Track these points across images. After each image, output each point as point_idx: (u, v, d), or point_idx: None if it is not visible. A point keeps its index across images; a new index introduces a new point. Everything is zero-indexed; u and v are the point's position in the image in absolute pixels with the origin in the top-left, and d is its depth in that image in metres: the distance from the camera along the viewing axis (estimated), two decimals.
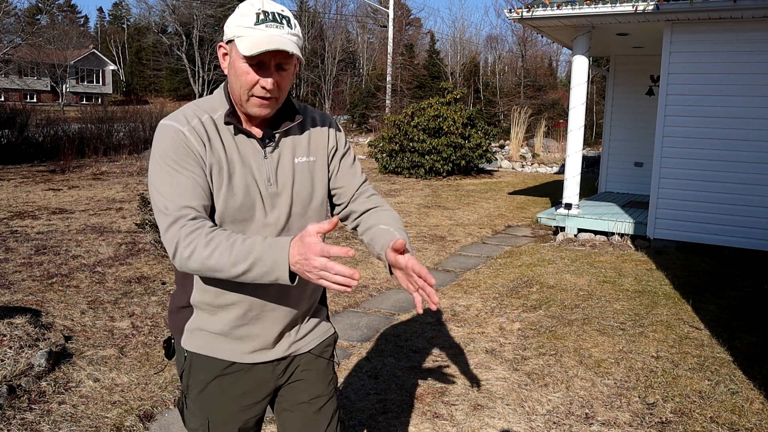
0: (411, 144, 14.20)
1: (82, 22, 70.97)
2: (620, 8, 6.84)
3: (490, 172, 16.19)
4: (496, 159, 17.24)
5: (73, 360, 3.74)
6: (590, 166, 16.34)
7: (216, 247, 1.35)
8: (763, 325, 4.67)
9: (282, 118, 1.60)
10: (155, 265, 5.83)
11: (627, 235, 7.45)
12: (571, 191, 7.79)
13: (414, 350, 4.10)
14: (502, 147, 21.15)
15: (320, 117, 1.69)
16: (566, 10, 7.10)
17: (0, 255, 6.10)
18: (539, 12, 7.24)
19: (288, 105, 1.61)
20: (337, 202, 1.74)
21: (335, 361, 1.82)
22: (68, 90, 45.28)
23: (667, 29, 7.02)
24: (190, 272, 1.41)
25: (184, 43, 45.54)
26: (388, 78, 31.10)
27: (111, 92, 52.02)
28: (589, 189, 11.80)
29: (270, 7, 1.46)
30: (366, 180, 1.78)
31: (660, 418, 3.25)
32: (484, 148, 14.71)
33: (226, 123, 1.53)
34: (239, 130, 1.54)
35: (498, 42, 47.60)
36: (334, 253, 1.25)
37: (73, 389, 3.39)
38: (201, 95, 48.32)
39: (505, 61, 40.41)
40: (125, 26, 62.89)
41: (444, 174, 14.30)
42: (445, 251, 7.07)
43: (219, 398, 1.61)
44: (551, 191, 12.50)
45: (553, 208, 8.49)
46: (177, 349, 1.65)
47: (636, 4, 6.75)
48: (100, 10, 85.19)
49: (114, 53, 58.75)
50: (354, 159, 1.76)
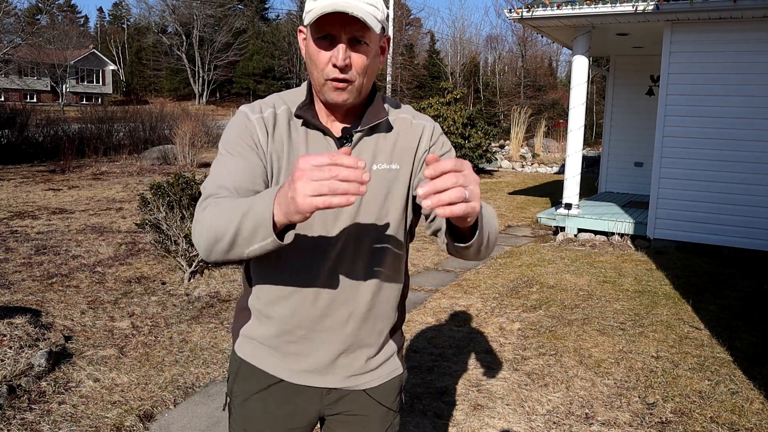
0: None
1: (82, 22, 70.98)
2: (620, 8, 6.84)
3: (490, 172, 16.19)
4: (496, 159, 17.25)
5: (73, 360, 3.74)
6: (590, 166, 16.35)
7: (221, 209, 1.18)
8: (763, 325, 4.67)
9: (371, 116, 1.38)
10: (155, 265, 5.83)
11: (627, 235, 7.45)
12: (571, 191, 7.79)
13: (414, 350, 4.10)
14: (502, 147, 21.15)
15: (416, 118, 1.45)
16: (566, 10, 7.10)
17: (0, 255, 6.10)
18: (539, 12, 7.24)
19: (377, 100, 1.41)
20: (425, 213, 1.42)
21: (401, 405, 1.60)
22: (68, 90, 45.28)
23: (667, 29, 7.02)
24: (200, 248, 1.22)
25: (184, 43, 45.54)
26: (388, 78, 31.12)
27: (111, 92, 52.02)
28: (589, 189, 11.80)
29: None
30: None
31: (660, 418, 3.25)
32: (484, 148, 14.71)
33: (297, 116, 1.37)
34: (311, 125, 1.37)
35: (498, 42, 47.62)
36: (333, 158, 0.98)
37: (73, 389, 3.39)
38: (201, 95, 48.36)
39: (505, 61, 40.43)
40: (125, 26, 62.89)
41: None
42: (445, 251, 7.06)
43: (260, 414, 1.48)
44: (551, 191, 12.50)
45: (553, 208, 8.49)
46: (232, 351, 1.55)
47: (636, 4, 6.75)
48: (100, 10, 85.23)
49: (114, 53, 58.75)
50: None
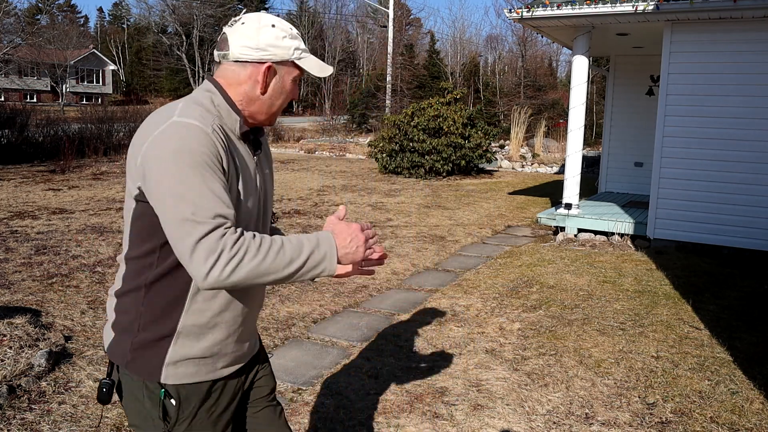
0: (411, 144, 14.20)
1: (82, 22, 70.97)
2: (620, 8, 6.84)
3: (490, 172, 16.20)
4: (496, 159, 17.24)
5: (73, 360, 3.74)
6: (590, 166, 16.34)
7: (268, 251, 1.34)
8: (763, 325, 4.67)
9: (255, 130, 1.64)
10: None
11: (627, 235, 7.45)
12: (571, 191, 7.79)
13: (414, 350, 4.10)
14: (502, 147, 21.15)
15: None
16: (566, 10, 7.10)
17: (0, 255, 6.10)
18: (539, 12, 7.24)
19: None
20: None
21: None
22: (68, 90, 45.28)
23: (667, 29, 7.02)
24: (224, 286, 1.32)
25: (184, 43, 45.54)
26: (388, 78, 31.09)
27: (111, 92, 52.01)
28: (589, 189, 11.80)
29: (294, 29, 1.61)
30: None
31: (660, 418, 3.25)
32: (484, 148, 14.70)
33: (244, 134, 1.55)
34: (245, 139, 1.56)
35: (498, 42, 47.60)
36: (363, 224, 1.47)
37: (73, 389, 3.39)
38: None
39: (505, 61, 40.42)
40: (125, 26, 62.90)
41: (444, 174, 14.30)
42: (445, 251, 7.07)
43: (207, 422, 1.56)
44: (551, 191, 12.50)
45: (553, 208, 8.49)
46: (141, 389, 1.50)
47: (636, 4, 6.75)
48: (100, 10, 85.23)
49: (114, 53, 58.75)
50: None
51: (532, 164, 17.51)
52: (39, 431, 2.96)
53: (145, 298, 1.47)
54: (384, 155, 14.77)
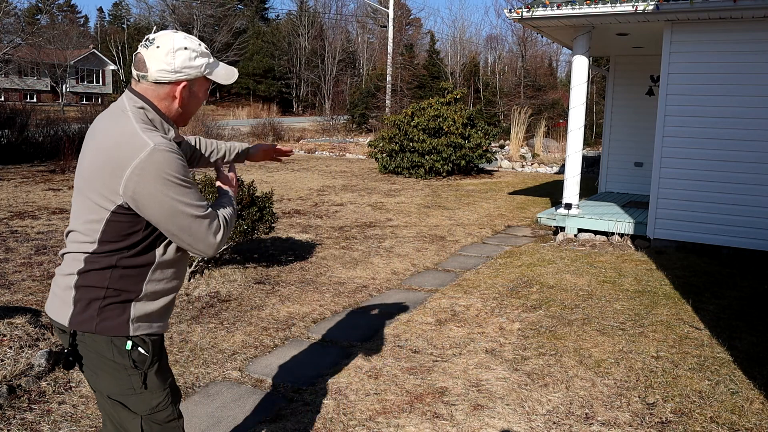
0: (411, 144, 14.20)
1: (82, 22, 70.94)
2: (620, 8, 6.84)
3: (490, 172, 16.19)
4: (496, 159, 17.24)
5: None
6: (590, 166, 16.34)
7: (231, 213, 1.90)
8: (763, 325, 4.67)
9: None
10: None
11: (627, 235, 7.45)
12: (571, 191, 7.79)
13: (414, 350, 4.10)
14: (502, 147, 21.14)
15: None
16: (566, 10, 7.09)
17: (0, 255, 6.10)
18: (539, 12, 7.24)
19: None
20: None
21: None
22: (68, 90, 45.26)
23: (667, 29, 7.01)
24: (223, 244, 1.81)
25: None
26: (388, 78, 31.09)
27: (111, 92, 51.93)
28: (589, 189, 11.80)
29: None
30: None
31: (660, 418, 3.25)
32: (484, 148, 14.70)
33: (178, 142, 1.88)
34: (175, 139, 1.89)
35: (498, 42, 47.59)
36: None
37: (73, 389, 3.39)
38: None
39: (505, 61, 40.40)
40: (125, 26, 62.85)
41: (444, 174, 14.30)
42: (445, 251, 7.07)
43: (167, 365, 1.93)
44: (551, 191, 12.50)
45: (553, 208, 8.49)
46: (108, 347, 1.78)
47: (636, 4, 6.75)
48: (100, 10, 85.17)
49: (114, 53, 58.70)
50: None
51: (532, 164, 17.51)
52: (39, 431, 2.96)
53: (112, 275, 1.77)
54: (384, 155, 14.77)
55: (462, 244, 7.45)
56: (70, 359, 1.79)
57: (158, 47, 1.74)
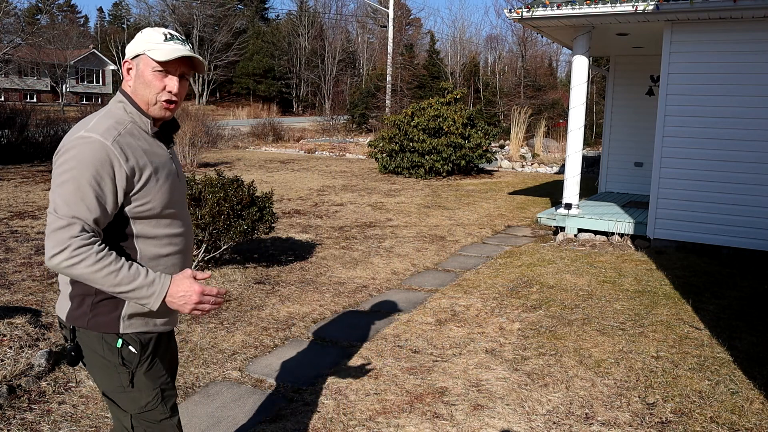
0: (411, 144, 14.20)
1: (82, 22, 70.93)
2: (620, 8, 6.84)
3: (490, 172, 16.19)
4: (496, 159, 17.24)
5: None
6: (590, 166, 16.34)
7: (103, 268, 1.66)
8: (763, 325, 4.67)
9: (170, 125, 1.95)
10: None
11: (627, 235, 7.45)
12: (571, 191, 7.79)
13: (414, 350, 4.10)
14: (502, 147, 21.14)
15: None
16: (566, 10, 7.09)
17: (0, 255, 6.10)
18: (539, 12, 7.24)
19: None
20: None
21: None
22: (68, 90, 45.26)
23: (667, 29, 7.01)
24: (62, 273, 1.69)
25: None
26: (388, 78, 31.09)
27: (111, 92, 51.95)
28: (589, 189, 11.80)
29: (173, 32, 1.84)
30: None
31: (660, 418, 3.25)
32: (484, 148, 14.70)
33: (155, 133, 1.86)
34: (158, 136, 1.88)
35: (498, 42, 47.58)
36: (208, 290, 1.79)
37: (73, 389, 3.39)
38: (201, 95, 48.36)
39: (505, 61, 40.39)
40: (125, 26, 62.84)
41: (444, 174, 14.29)
42: (445, 251, 7.07)
43: (161, 365, 1.92)
44: (551, 191, 12.50)
45: (553, 208, 8.49)
46: (100, 344, 1.80)
47: (636, 4, 6.75)
48: (100, 10, 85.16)
49: (114, 53, 58.67)
50: None
51: (532, 164, 17.51)
52: (39, 431, 2.96)
53: None
54: (384, 155, 14.77)
55: (462, 244, 7.45)
56: (72, 354, 1.82)
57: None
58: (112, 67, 53.06)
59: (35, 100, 44.18)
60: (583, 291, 5.47)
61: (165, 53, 1.78)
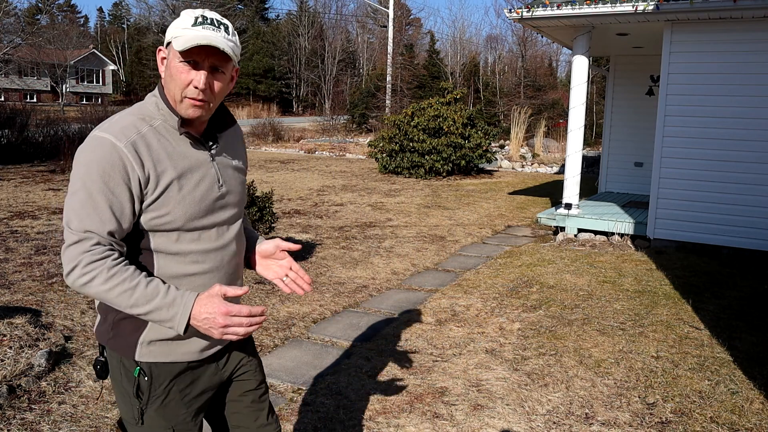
0: (411, 144, 14.20)
1: (82, 22, 70.97)
2: (620, 8, 6.84)
3: (490, 172, 16.19)
4: (496, 159, 17.24)
5: (73, 360, 3.74)
6: (590, 166, 16.34)
7: (116, 286, 1.43)
8: (763, 325, 4.67)
9: (217, 123, 1.69)
10: None
11: (627, 235, 7.45)
12: (571, 191, 7.79)
13: (414, 350, 4.10)
14: (502, 147, 21.14)
15: (239, 128, 1.79)
16: (566, 10, 7.09)
17: (0, 255, 6.10)
18: (539, 12, 7.24)
19: (222, 110, 1.71)
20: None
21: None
22: (68, 90, 45.26)
23: (667, 29, 7.01)
24: (80, 292, 1.48)
25: None
26: (388, 78, 31.09)
27: (111, 92, 52.00)
28: (589, 189, 11.80)
29: (209, 14, 1.54)
30: None
31: (660, 418, 3.25)
32: (484, 148, 14.70)
33: (182, 133, 1.58)
34: (191, 137, 1.61)
35: (498, 42, 47.60)
36: (236, 310, 1.45)
37: (73, 389, 3.39)
38: None
39: (505, 61, 40.40)
40: (125, 26, 62.89)
41: (444, 174, 14.29)
42: (445, 251, 7.07)
43: (180, 403, 1.64)
44: (551, 191, 12.50)
45: (553, 208, 8.49)
46: (119, 367, 1.61)
47: (636, 4, 6.75)
48: (100, 10, 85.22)
49: (114, 53, 58.74)
50: None
51: (532, 164, 17.51)
52: (39, 431, 2.96)
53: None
54: (384, 155, 14.77)
55: (462, 244, 7.45)
56: (98, 368, 1.64)
57: None
58: (112, 67, 53.08)
59: (35, 100, 44.19)
60: (583, 291, 5.47)
61: (184, 41, 1.49)
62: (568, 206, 7.80)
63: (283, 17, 57.50)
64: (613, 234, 7.55)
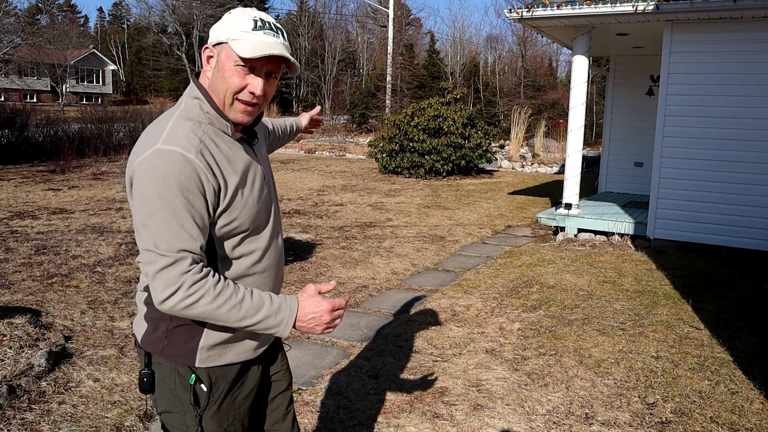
0: (411, 144, 14.20)
1: (82, 22, 70.98)
2: (620, 8, 6.84)
3: (490, 172, 16.19)
4: (496, 159, 17.24)
5: (73, 360, 3.74)
6: (590, 166, 16.34)
7: (224, 302, 1.42)
8: (763, 325, 4.67)
9: (259, 122, 1.72)
10: None
11: (627, 235, 7.45)
12: (571, 191, 7.79)
13: (414, 350, 4.10)
14: (502, 147, 21.14)
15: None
16: (566, 10, 7.09)
17: (0, 255, 6.10)
18: (539, 12, 7.24)
19: None
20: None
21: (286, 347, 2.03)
22: (68, 90, 45.26)
23: (667, 29, 7.01)
24: (178, 315, 1.43)
25: (184, 43, 45.53)
26: (388, 78, 31.09)
27: (111, 92, 52.00)
28: (589, 189, 11.79)
29: (265, 17, 1.51)
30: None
31: (660, 418, 3.25)
32: (484, 148, 14.70)
33: (238, 138, 1.57)
34: (242, 140, 1.60)
35: (498, 42, 47.58)
36: (338, 304, 1.52)
37: (73, 389, 3.39)
38: None
39: (505, 61, 40.40)
40: (125, 26, 62.90)
41: (444, 174, 14.29)
42: (445, 251, 7.07)
43: (232, 406, 1.64)
44: (551, 191, 12.50)
45: (553, 208, 8.49)
46: (172, 375, 1.57)
47: (636, 4, 6.75)
48: (100, 10, 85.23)
49: (114, 53, 58.74)
50: None
51: (532, 164, 17.51)
52: (39, 431, 2.96)
53: None
54: (384, 155, 14.77)
55: (462, 244, 7.45)
56: (145, 380, 1.59)
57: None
58: (112, 67, 53.09)
59: (35, 100, 44.19)
60: (583, 291, 5.47)
61: (250, 48, 1.44)
62: (568, 206, 7.80)
63: (283, 17, 57.50)
64: (613, 234, 7.55)
